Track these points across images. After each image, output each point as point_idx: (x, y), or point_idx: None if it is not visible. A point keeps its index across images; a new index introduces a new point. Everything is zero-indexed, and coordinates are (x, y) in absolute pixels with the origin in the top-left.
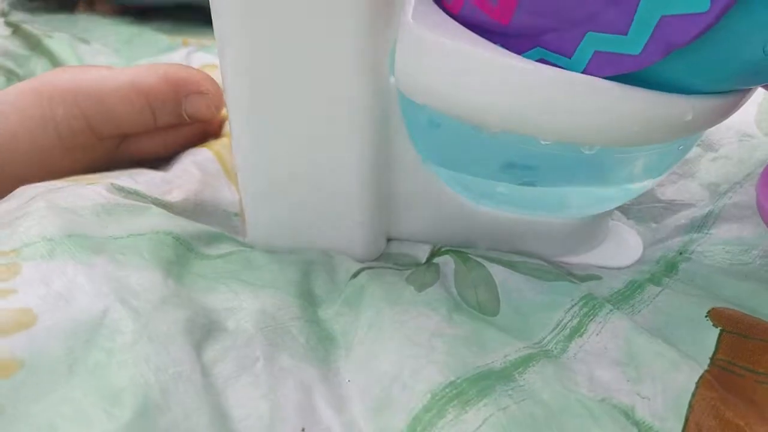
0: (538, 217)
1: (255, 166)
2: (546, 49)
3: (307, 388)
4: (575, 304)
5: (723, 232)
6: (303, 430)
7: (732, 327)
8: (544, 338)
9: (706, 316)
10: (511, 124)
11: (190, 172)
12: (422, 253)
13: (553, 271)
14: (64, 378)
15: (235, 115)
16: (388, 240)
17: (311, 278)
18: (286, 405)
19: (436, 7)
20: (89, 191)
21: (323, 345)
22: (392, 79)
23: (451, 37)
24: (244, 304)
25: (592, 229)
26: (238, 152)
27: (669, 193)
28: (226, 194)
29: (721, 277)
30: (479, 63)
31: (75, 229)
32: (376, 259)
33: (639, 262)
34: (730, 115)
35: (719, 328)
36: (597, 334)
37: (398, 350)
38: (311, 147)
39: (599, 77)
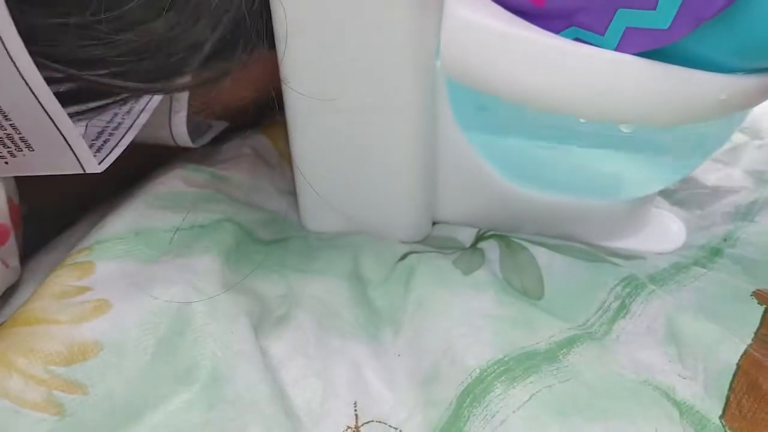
0: (582, 201)
1: (309, 150)
2: (580, 27)
3: (357, 365)
4: (618, 284)
5: None
6: (355, 403)
7: None
8: (588, 320)
9: (751, 295)
10: (551, 104)
11: (244, 152)
12: (467, 237)
13: (597, 253)
14: (142, 357)
15: (291, 99)
16: (434, 224)
17: (360, 261)
18: (338, 382)
19: None
20: (158, 185)
21: (373, 322)
22: (438, 63)
23: (492, 18)
24: (295, 290)
25: (635, 213)
26: (293, 135)
27: (713, 179)
28: (280, 175)
29: (767, 263)
30: (520, 43)
31: (143, 224)
32: (422, 242)
33: (683, 247)
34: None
35: (764, 305)
36: (639, 315)
37: (447, 329)
38: (363, 131)
39: (632, 54)
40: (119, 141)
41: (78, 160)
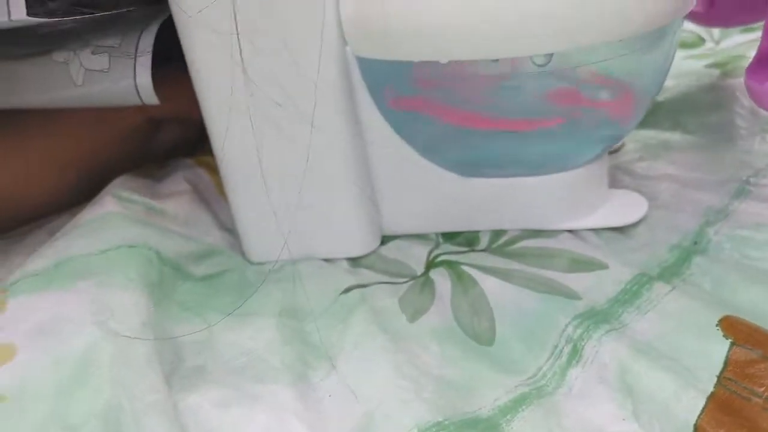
0: (528, 180)
1: (238, 174)
2: None
3: (280, 411)
4: (570, 322)
5: (746, 216)
6: None
7: (744, 340)
8: (540, 369)
9: (716, 325)
10: (469, 44)
11: (182, 185)
12: (417, 262)
13: (548, 282)
14: (41, 408)
15: (215, 128)
16: (385, 240)
17: (298, 292)
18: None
19: None
20: (87, 212)
21: (303, 360)
22: (348, 49)
23: None
24: (215, 337)
25: (587, 188)
26: (220, 158)
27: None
28: (221, 210)
29: (736, 278)
30: None
31: (63, 253)
32: (370, 267)
33: (650, 245)
34: (686, 6)
35: (730, 339)
36: (592, 362)
37: (386, 377)
38: (288, 146)
39: None
40: None
41: None
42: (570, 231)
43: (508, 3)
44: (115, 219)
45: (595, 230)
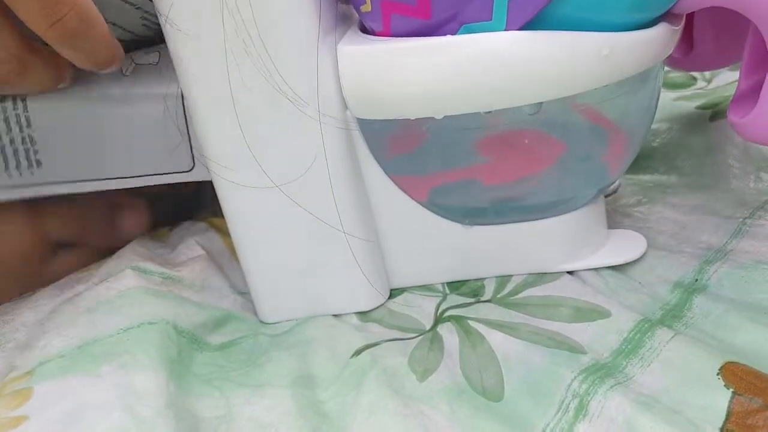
0: (528, 224)
1: (246, 235)
2: (470, 23)
3: None
4: (576, 377)
5: (745, 255)
6: None
7: (744, 389)
8: (547, 425)
9: (717, 374)
10: (456, 101)
11: (196, 250)
12: (425, 317)
13: (553, 336)
14: None
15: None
16: (393, 294)
17: (310, 359)
18: None
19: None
20: (106, 288)
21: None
22: (348, 113)
23: (380, 42)
24: (233, 412)
25: (586, 228)
26: (231, 226)
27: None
28: (234, 273)
29: (736, 318)
30: (410, 52)
31: (88, 334)
32: (380, 322)
33: (652, 285)
34: (663, 53)
35: (731, 389)
36: (598, 417)
37: None
38: (294, 206)
39: (520, 29)
40: None
41: None
42: (571, 274)
43: (494, 68)
44: (136, 294)
45: (597, 271)
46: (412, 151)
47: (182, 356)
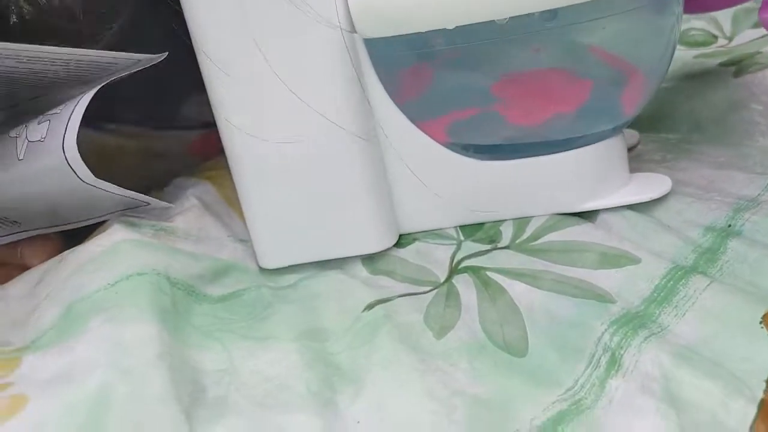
0: (546, 159)
1: (252, 180)
2: None
3: None
4: (606, 330)
5: None
6: None
7: None
8: (577, 380)
9: (760, 323)
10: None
11: (190, 200)
12: (439, 268)
13: (579, 284)
14: None
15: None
16: (404, 243)
17: (319, 312)
18: None
19: None
20: (93, 245)
21: (328, 384)
22: (356, 35)
23: None
24: (236, 364)
25: (607, 164)
26: (233, 167)
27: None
28: (231, 222)
29: None
30: None
31: (75, 294)
32: (390, 275)
33: (681, 229)
34: None
35: None
36: (632, 371)
37: (416, 401)
38: (302, 148)
39: None
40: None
41: None
42: (594, 221)
43: None
44: (124, 247)
45: (623, 215)
46: (424, 91)
47: (178, 307)
